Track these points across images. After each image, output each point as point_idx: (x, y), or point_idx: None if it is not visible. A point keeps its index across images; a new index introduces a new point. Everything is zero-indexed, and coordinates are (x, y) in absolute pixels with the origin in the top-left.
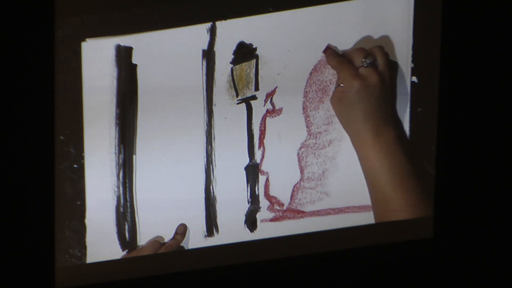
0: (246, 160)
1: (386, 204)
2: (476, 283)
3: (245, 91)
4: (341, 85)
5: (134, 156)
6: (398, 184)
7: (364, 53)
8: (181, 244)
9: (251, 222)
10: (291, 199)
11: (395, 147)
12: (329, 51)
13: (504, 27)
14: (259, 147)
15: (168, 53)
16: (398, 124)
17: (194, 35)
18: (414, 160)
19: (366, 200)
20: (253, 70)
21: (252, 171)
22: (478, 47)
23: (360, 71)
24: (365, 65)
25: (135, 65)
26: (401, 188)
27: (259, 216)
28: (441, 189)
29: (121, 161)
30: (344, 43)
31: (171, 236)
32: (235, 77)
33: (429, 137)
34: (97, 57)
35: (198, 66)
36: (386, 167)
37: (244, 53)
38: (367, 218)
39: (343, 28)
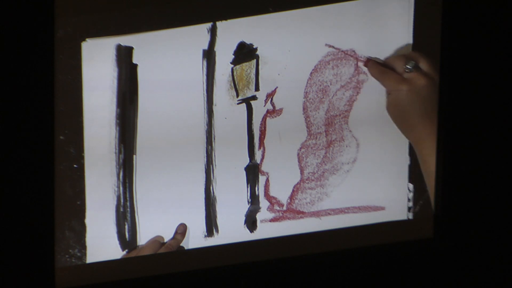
0: (246, 160)
1: None
2: (476, 283)
3: (245, 91)
4: (390, 93)
5: (134, 156)
6: None
7: (404, 59)
8: (181, 244)
9: (251, 222)
10: (291, 200)
11: None
12: (370, 62)
13: (504, 27)
14: (259, 147)
15: (169, 53)
16: None
17: (195, 35)
18: (415, 160)
19: (366, 200)
20: (254, 70)
21: (252, 171)
22: (478, 47)
23: (405, 76)
24: (408, 70)
25: (136, 65)
26: None
27: (259, 216)
28: (441, 189)
29: (121, 161)
30: (344, 44)
31: (171, 236)
32: (235, 77)
33: None
34: (97, 57)
35: (199, 66)
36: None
37: (245, 53)
38: (367, 218)
39: (343, 28)
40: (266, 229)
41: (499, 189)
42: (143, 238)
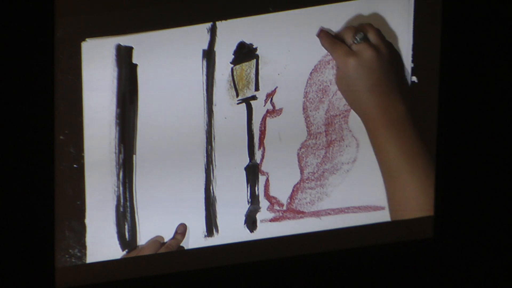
0: (246, 160)
1: (397, 185)
2: (476, 283)
3: (245, 91)
4: (338, 67)
5: (134, 156)
6: (407, 162)
7: (354, 30)
8: (181, 244)
9: (251, 222)
10: (291, 199)
11: (403, 122)
12: (322, 33)
13: (504, 27)
14: (259, 147)
15: (169, 53)
16: (407, 96)
17: (195, 35)
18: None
19: (366, 200)
20: (253, 70)
21: (252, 171)
22: (478, 47)
23: (353, 48)
24: (356, 42)
25: (135, 65)
26: (411, 166)
27: (259, 216)
28: (441, 189)
29: (121, 161)
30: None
31: (171, 236)
32: (235, 77)
33: (429, 137)
34: (97, 57)
35: (199, 66)
36: (395, 143)
37: (245, 53)
38: (367, 218)
39: (343, 28)
40: (266, 229)
41: (499, 189)
42: (143, 238)
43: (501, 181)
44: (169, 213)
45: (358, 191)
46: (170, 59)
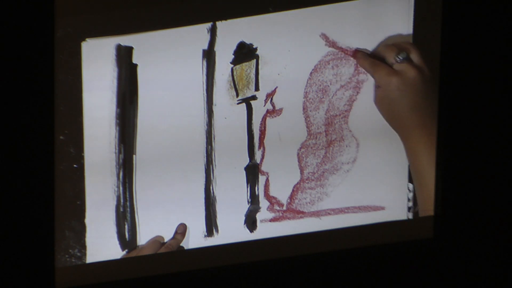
0: (246, 160)
1: (430, 199)
2: (476, 283)
3: (245, 91)
4: (379, 86)
5: (134, 156)
6: None
7: (396, 50)
8: (181, 244)
9: (251, 222)
10: (291, 199)
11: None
12: (359, 54)
13: (504, 27)
14: (259, 147)
15: (168, 53)
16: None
17: (195, 35)
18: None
19: (366, 200)
20: (254, 70)
21: (252, 171)
22: (479, 47)
23: (395, 68)
24: (398, 61)
25: (135, 65)
26: None
27: (259, 216)
28: (441, 189)
29: (121, 161)
30: (344, 43)
31: (171, 236)
32: (235, 77)
33: None
34: (97, 57)
35: (199, 66)
36: (433, 162)
37: (245, 53)
38: (367, 218)
39: (343, 28)
40: (266, 229)
41: (499, 189)
42: (143, 238)
43: (501, 181)
44: (169, 213)
45: (358, 191)
46: (170, 59)
